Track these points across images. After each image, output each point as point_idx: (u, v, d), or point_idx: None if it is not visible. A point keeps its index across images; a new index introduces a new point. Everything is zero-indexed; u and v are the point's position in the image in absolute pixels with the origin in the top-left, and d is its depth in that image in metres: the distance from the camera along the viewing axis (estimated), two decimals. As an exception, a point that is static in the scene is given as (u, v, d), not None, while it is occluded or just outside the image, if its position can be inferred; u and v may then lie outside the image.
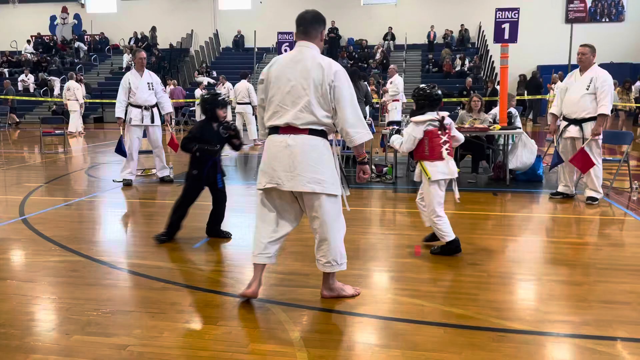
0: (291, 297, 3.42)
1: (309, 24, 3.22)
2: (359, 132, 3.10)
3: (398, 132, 4.37)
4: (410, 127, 4.25)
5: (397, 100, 12.02)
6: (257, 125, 8.42)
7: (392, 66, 13.24)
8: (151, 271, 3.95)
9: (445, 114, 4.28)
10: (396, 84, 12.22)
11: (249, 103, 12.33)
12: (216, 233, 4.83)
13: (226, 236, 4.84)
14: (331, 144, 3.23)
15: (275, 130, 3.16)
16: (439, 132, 4.20)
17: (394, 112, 11.86)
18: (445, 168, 4.20)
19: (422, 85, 4.41)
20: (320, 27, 3.25)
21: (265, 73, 3.23)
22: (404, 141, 4.25)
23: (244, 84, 12.37)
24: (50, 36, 26.85)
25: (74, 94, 16.14)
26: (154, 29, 25.19)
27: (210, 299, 3.45)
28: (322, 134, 3.15)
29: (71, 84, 16.27)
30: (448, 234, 4.21)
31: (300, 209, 3.29)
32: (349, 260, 4.18)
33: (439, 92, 4.34)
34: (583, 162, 5.93)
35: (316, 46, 3.21)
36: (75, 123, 16.13)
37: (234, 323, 3.08)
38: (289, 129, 3.09)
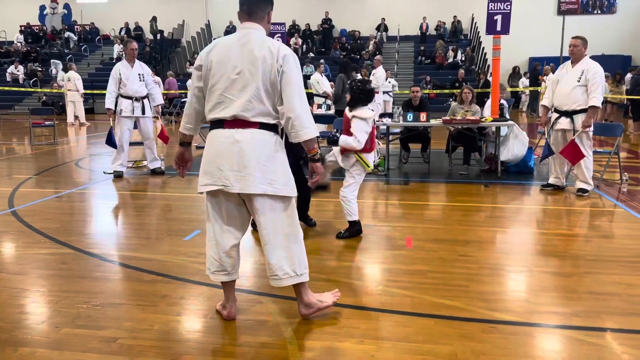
0: (282, 289, 3.41)
1: (254, 4, 2.82)
2: (306, 126, 2.71)
3: (335, 138, 4.59)
4: (361, 123, 4.39)
5: (377, 92, 11.82)
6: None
7: (377, 57, 13.18)
8: (142, 263, 3.94)
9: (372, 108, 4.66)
10: (377, 76, 12.16)
11: None
12: (303, 218, 4.71)
13: (309, 224, 4.89)
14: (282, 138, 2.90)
15: (219, 124, 2.78)
16: (374, 126, 4.60)
17: (372, 105, 11.67)
18: (372, 158, 4.60)
19: (357, 80, 4.66)
20: (267, 8, 2.86)
21: (203, 58, 2.81)
22: (359, 138, 4.37)
23: None
24: (40, 26, 26.55)
25: (75, 84, 16.35)
26: (154, 19, 24.91)
27: (201, 291, 3.44)
28: (274, 128, 2.81)
29: (71, 74, 16.40)
30: (355, 214, 4.58)
31: (248, 213, 2.93)
32: (341, 252, 4.18)
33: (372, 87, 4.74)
34: (573, 154, 5.96)
35: (263, 28, 2.83)
36: (80, 113, 16.39)
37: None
38: (237, 122, 2.73)
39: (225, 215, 2.89)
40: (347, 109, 4.61)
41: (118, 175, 7.39)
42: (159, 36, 24.73)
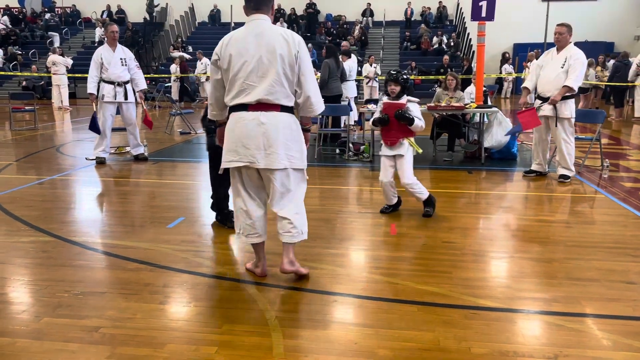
0: (266, 277, 3.42)
1: None
2: (320, 102, 3.21)
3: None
4: (417, 107, 4.73)
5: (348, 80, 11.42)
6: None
7: (344, 43, 12.97)
8: (124, 251, 3.90)
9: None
10: (349, 63, 11.91)
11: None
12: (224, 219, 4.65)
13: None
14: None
15: (242, 107, 3.10)
16: None
17: (349, 91, 11.25)
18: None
19: (404, 72, 4.79)
20: (271, 1, 3.17)
21: (219, 52, 3.11)
22: (421, 119, 4.69)
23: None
24: (19, 9, 25.94)
25: (63, 66, 16.35)
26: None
27: (184, 279, 3.42)
28: (292, 110, 3.17)
29: (55, 57, 16.30)
30: (425, 192, 4.81)
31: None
32: (325, 239, 4.19)
33: None
34: (528, 119, 6.03)
35: (269, 18, 3.16)
36: (64, 97, 16.32)
37: (208, 303, 3.07)
38: (260, 105, 3.06)
39: (252, 186, 3.26)
40: (385, 98, 4.80)
41: (100, 162, 7.30)
42: (142, 19, 24.29)
